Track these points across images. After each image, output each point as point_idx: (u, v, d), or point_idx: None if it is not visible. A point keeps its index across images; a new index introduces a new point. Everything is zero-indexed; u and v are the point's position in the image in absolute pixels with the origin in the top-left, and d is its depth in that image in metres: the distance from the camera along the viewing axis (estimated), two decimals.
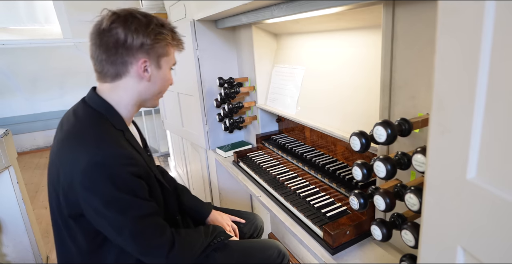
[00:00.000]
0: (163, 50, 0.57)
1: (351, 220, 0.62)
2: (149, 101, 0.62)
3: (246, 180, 0.93)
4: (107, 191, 0.50)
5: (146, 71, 0.56)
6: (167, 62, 0.59)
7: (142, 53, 0.55)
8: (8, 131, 1.06)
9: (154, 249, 0.55)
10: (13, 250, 1.13)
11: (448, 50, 0.24)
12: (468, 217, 0.25)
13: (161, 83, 0.60)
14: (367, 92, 0.66)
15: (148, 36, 0.54)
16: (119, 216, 0.51)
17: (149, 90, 0.59)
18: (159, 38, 0.55)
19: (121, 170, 0.50)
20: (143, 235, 0.54)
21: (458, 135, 0.25)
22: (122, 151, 0.52)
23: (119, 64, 0.54)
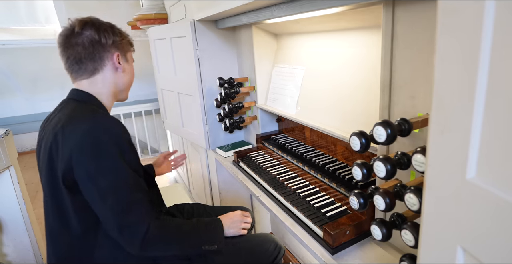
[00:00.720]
0: (127, 46, 0.69)
1: (351, 220, 0.62)
2: (123, 92, 0.71)
3: (246, 180, 0.93)
4: (103, 155, 0.54)
5: (120, 63, 0.67)
6: (131, 56, 0.71)
7: (115, 48, 0.66)
8: (9, 131, 1.06)
9: (132, 226, 0.55)
10: (13, 250, 1.13)
11: (448, 50, 0.24)
12: (468, 217, 0.25)
13: (130, 75, 0.71)
14: (367, 92, 0.66)
15: (116, 35, 0.66)
16: (108, 182, 0.54)
17: (123, 81, 0.69)
18: (124, 37, 0.68)
19: (118, 136, 0.56)
20: (126, 206, 0.54)
21: (458, 135, 0.25)
22: (116, 120, 0.59)
23: (97, 59, 0.64)
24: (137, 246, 0.56)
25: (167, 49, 1.30)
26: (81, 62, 0.62)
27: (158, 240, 0.57)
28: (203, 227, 0.65)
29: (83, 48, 0.61)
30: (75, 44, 0.61)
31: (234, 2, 0.75)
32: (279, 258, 0.79)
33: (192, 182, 1.66)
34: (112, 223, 0.55)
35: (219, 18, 1.03)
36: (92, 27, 0.62)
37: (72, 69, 0.64)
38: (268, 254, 0.76)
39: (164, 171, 0.99)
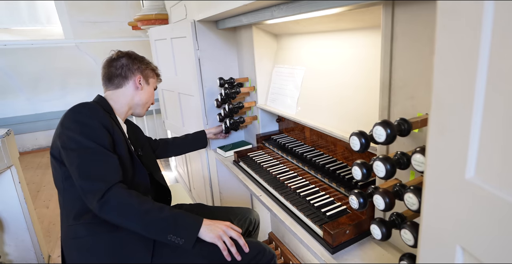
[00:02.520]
0: (150, 73, 0.88)
1: (350, 220, 0.62)
2: (138, 108, 0.87)
3: (246, 180, 0.93)
4: (72, 126, 0.67)
5: (140, 84, 0.85)
6: (152, 82, 0.89)
7: (139, 73, 0.86)
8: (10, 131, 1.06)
9: (91, 190, 0.63)
10: (15, 249, 1.13)
11: (447, 50, 0.25)
12: (467, 217, 0.25)
13: (148, 95, 0.88)
14: (367, 92, 0.66)
15: (142, 64, 0.86)
16: (75, 146, 0.66)
17: (139, 97, 0.86)
18: (148, 66, 0.88)
19: (88, 114, 0.69)
20: (88, 171, 0.64)
21: (457, 135, 0.25)
22: (98, 108, 0.72)
23: (123, 77, 0.84)
24: (96, 208, 0.63)
25: (167, 50, 1.30)
26: (111, 78, 0.83)
27: (115, 205, 0.63)
28: (176, 216, 0.64)
29: (115, 69, 0.83)
30: (111, 66, 0.83)
31: (234, 2, 0.75)
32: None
33: (193, 182, 1.66)
34: (77, 184, 0.64)
35: (219, 18, 1.04)
36: (126, 56, 0.84)
37: (104, 83, 0.84)
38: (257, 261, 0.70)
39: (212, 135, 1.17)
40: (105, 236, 0.67)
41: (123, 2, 2.91)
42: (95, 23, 2.88)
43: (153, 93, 0.90)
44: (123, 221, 0.63)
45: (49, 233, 1.55)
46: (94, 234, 0.68)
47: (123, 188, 0.65)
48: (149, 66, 0.88)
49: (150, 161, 0.91)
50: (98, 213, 0.63)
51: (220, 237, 0.65)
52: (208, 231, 0.65)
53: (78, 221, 0.68)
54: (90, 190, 0.63)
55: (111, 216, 0.63)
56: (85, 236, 0.67)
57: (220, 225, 0.67)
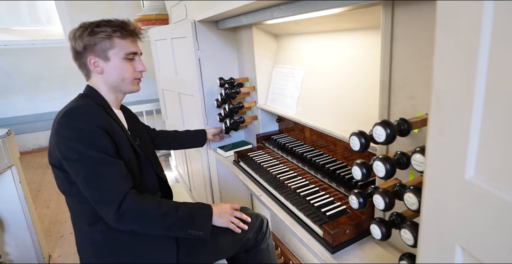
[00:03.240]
0: (105, 44, 0.67)
1: (350, 219, 0.62)
2: (122, 88, 0.73)
3: (246, 180, 0.93)
4: (69, 135, 0.60)
5: (97, 66, 0.69)
6: (115, 54, 0.69)
7: (88, 53, 0.68)
8: (11, 131, 1.07)
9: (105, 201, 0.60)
10: (15, 249, 1.14)
11: (447, 50, 0.25)
12: (467, 217, 0.25)
13: (116, 72, 0.70)
14: (367, 92, 0.66)
15: (87, 38, 0.67)
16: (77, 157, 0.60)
17: (109, 80, 0.71)
18: (97, 37, 0.67)
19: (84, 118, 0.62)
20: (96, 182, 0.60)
21: (457, 135, 0.25)
22: (93, 108, 0.64)
23: (82, 66, 0.71)
24: (112, 221, 0.60)
25: (168, 50, 1.31)
26: (80, 68, 0.72)
27: (134, 213, 0.60)
28: (192, 211, 0.67)
29: (73, 59, 0.71)
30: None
31: (234, 2, 0.75)
32: (264, 226, 0.81)
33: (193, 182, 1.66)
34: (89, 197, 0.61)
35: (219, 18, 1.04)
36: (71, 37, 0.68)
37: None
38: (251, 227, 0.77)
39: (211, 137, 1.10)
40: (125, 242, 0.66)
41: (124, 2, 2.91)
42: None
43: (126, 64, 0.70)
44: (143, 229, 0.63)
45: (50, 233, 1.55)
46: (112, 241, 0.66)
47: (136, 196, 0.62)
48: (98, 35, 0.65)
49: (149, 151, 0.85)
50: (115, 225, 0.60)
51: (229, 221, 0.72)
52: (218, 218, 0.71)
53: (93, 228, 0.66)
54: (102, 202, 0.60)
55: (130, 227, 0.61)
56: (103, 243, 0.66)
57: (225, 210, 0.73)
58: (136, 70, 0.73)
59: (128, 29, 0.69)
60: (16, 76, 2.74)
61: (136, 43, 0.72)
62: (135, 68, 0.73)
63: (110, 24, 0.68)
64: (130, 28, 0.70)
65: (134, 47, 0.71)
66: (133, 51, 0.71)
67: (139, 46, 0.73)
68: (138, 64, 0.73)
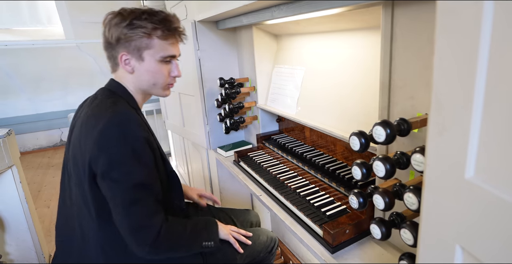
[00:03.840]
0: (142, 43, 0.59)
1: (350, 219, 0.62)
2: (151, 91, 0.66)
3: (246, 180, 0.93)
4: (114, 150, 0.52)
5: (128, 64, 0.61)
6: (151, 55, 0.60)
7: (121, 47, 0.59)
8: (11, 131, 1.07)
9: (143, 228, 0.53)
10: (16, 249, 1.14)
11: (446, 50, 0.25)
12: (467, 216, 0.25)
13: (148, 75, 0.62)
14: (367, 92, 0.67)
15: (123, 30, 0.57)
16: (120, 178, 0.52)
17: (139, 81, 0.63)
18: (135, 32, 0.57)
19: (133, 130, 0.54)
20: (137, 207, 0.52)
21: (457, 135, 0.25)
22: (135, 116, 0.57)
23: (111, 58, 0.63)
24: (146, 249, 0.54)
25: None
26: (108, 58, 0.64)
27: (166, 243, 0.56)
28: (202, 224, 0.66)
29: (103, 48, 0.62)
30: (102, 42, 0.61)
31: (234, 3, 0.75)
32: (275, 248, 0.83)
33: (193, 182, 1.66)
34: (122, 224, 0.53)
35: (219, 19, 1.04)
36: (107, 23, 0.59)
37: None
38: (265, 245, 0.79)
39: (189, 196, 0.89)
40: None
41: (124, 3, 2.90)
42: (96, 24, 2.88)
43: (161, 68, 0.61)
44: (174, 254, 0.60)
45: (50, 232, 1.55)
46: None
47: (168, 223, 0.56)
48: (135, 30, 0.57)
49: None
50: (148, 255, 0.54)
51: (230, 233, 0.72)
52: (220, 230, 0.71)
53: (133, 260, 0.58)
54: (140, 230, 0.53)
55: (164, 254, 0.57)
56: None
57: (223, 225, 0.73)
58: (170, 75, 0.65)
59: (171, 28, 0.60)
60: (16, 76, 2.74)
61: (177, 45, 0.64)
62: (170, 72, 0.64)
63: (152, 18, 0.57)
64: (174, 26, 0.60)
65: (173, 50, 0.62)
66: (172, 54, 0.62)
67: (179, 48, 0.65)
68: (174, 68, 0.65)
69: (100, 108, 0.57)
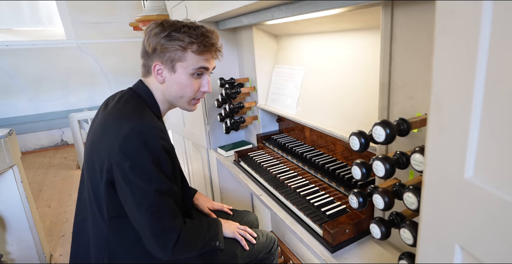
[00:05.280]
0: (176, 55, 0.60)
1: (350, 219, 0.62)
2: (177, 103, 0.67)
3: (246, 179, 0.94)
4: (138, 156, 0.53)
5: (160, 74, 0.63)
6: (183, 67, 0.61)
7: (156, 57, 0.61)
8: (12, 131, 1.07)
9: (166, 232, 0.55)
10: (17, 249, 1.14)
11: (446, 50, 0.25)
12: (466, 216, 0.25)
13: (177, 87, 0.63)
14: (366, 92, 0.67)
15: (160, 41, 0.59)
16: (143, 184, 0.53)
17: (167, 92, 0.64)
18: (171, 44, 0.59)
19: (155, 140, 0.55)
20: (160, 212, 0.54)
21: (456, 134, 0.25)
22: (158, 124, 0.58)
23: (145, 66, 0.65)
24: (168, 252, 0.55)
25: None
26: (142, 65, 0.66)
27: (185, 244, 0.57)
28: (209, 225, 0.68)
29: (140, 55, 0.65)
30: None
31: (235, 3, 0.75)
32: (274, 248, 0.84)
33: (193, 182, 1.66)
34: (145, 228, 0.54)
35: (220, 19, 1.04)
36: (147, 31, 0.61)
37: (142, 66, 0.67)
38: (264, 246, 0.80)
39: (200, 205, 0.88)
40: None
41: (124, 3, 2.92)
42: (96, 24, 2.89)
43: (191, 81, 0.61)
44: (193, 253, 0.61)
45: (51, 232, 1.56)
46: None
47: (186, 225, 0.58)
48: (171, 42, 0.58)
49: None
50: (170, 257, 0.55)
51: (236, 231, 0.74)
52: (226, 229, 0.73)
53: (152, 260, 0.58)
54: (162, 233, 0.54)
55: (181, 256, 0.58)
56: None
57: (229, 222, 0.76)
58: (200, 90, 0.65)
59: (208, 44, 0.60)
60: (17, 76, 2.75)
61: (212, 61, 0.64)
62: (201, 87, 0.64)
63: (190, 32, 0.59)
64: (210, 42, 0.60)
65: (206, 63, 0.62)
66: (204, 66, 0.62)
67: (214, 63, 0.65)
68: (204, 83, 0.64)
69: (127, 112, 0.58)
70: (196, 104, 0.68)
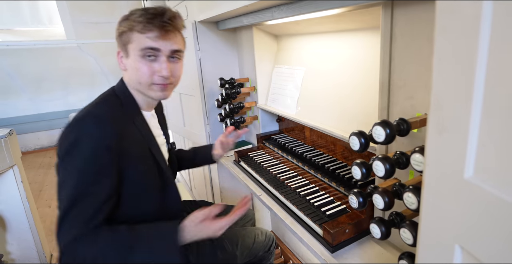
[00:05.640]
0: (126, 37, 0.56)
1: (350, 219, 0.62)
2: (143, 92, 0.60)
3: (247, 179, 0.94)
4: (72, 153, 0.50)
5: (122, 61, 0.59)
6: (132, 49, 0.56)
7: (118, 44, 0.58)
8: (13, 131, 1.07)
9: (64, 229, 0.49)
10: (17, 248, 1.14)
11: (446, 50, 0.25)
12: (466, 216, 0.25)
13: (133, 72, 0.57)
14: (366, 92, 0.67)
15: (119, 27, 0.56)
16: (65, 178, 0.51)
17: (130, 80, 0.60)
18: (123, 26, 0.56)
19: (95, 136, 0.51)
20: (71, 206, 0.49)
21: (456, 135, 0.25)
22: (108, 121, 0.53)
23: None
24: (61, 244, 0.50)
25: None
26: None
27: (84, 251, 0.50)
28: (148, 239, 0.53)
29: None
30: None
31: (235, 3, 0.75)
32: (273, 246, 0.82)
33: (193, 181, 1.66)
34: (61, 206, 0.50)
35: (220, 19, 1.04)
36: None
37: None
38: (263, 244, 0.79)
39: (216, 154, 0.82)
40: None
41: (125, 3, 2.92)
42: (96, 24, 2.89)
43: (143, 64, 0.56)
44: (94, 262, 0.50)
45: (51, 232, 1.56)
46: None
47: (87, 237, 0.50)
48: (123, 24, 0.55)
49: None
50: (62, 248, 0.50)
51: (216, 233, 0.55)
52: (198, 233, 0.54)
53: None
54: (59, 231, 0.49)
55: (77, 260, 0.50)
56: None
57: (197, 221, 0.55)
58: (156, 74, 0.57)
59: (153, 21, 0.53)
60: (18, 76, 2.75)
61: (166, 40, 0.55)
62: (156, 70, 0.57)
63: (141, 13, 0.54)
64: (158, 19, 0.54)
65: (152, 42, 0.54)
66: (150, 47, 0.54)
67: (172, 43, 0.56)
68: (160, 66, 0.56)
69: (81, 113, 0.55)
70: (163, 91, 0.60)
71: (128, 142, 0.55)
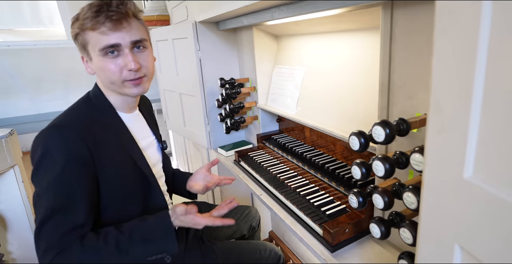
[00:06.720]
0: (82, 39, 0.51)
1: (350, 218, 0.62)
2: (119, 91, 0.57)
3: (247, 179, 0.94)
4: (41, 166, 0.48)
5: (88, 66, 0.57)
6: (92, 50, 0.51)
7: (78, 48, 0.54)
8: (13, 131, 1.08)
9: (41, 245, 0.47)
10: (18, 248, 1.14)
11: (445, 51, 0.25)
12: (465, 216, 0.25)
13: (101, 73, 0.54)
14: (366, 92, 0.67)
15: (72, 30, 0.51)
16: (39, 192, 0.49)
17: (102, 82, 0.58)
18: (75, 27, 0.50)
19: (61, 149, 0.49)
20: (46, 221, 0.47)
21: (455, 134, 0.25)
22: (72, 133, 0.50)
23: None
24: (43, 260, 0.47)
25: (169, 50, 1.31)
26: None
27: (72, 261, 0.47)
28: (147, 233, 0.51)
29: None
30: None
31: (235, 3, 0.75)
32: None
33: None
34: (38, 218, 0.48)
35: (220, 19, 1.04)
36: None
37: None
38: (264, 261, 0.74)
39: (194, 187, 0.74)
40: None
41: None
42: None
43: (106, 63, 0.51)
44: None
45: None
46: None
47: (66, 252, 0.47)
48: (74, 26, 0.50)
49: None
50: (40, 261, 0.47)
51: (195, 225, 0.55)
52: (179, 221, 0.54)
53: None
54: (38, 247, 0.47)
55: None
56: None
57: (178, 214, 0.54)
58: (124, 69, 0.52)
59: (100, 13, 0.47)
60: (18, 77, 2.76)
61: (121, 29, 0.49)
62: (123, 65, 0.52)
63: (88, 8, 0.48)
64: (105, 10, 0.47)
65: (109, 38, 0.48)
66: (107, 45, 0.49)
67: (130, 32, 0.50)
68: (125, 60, 0.51)
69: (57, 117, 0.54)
70: (138, 86, 0.55)
71: (102, 148, 0.52)
